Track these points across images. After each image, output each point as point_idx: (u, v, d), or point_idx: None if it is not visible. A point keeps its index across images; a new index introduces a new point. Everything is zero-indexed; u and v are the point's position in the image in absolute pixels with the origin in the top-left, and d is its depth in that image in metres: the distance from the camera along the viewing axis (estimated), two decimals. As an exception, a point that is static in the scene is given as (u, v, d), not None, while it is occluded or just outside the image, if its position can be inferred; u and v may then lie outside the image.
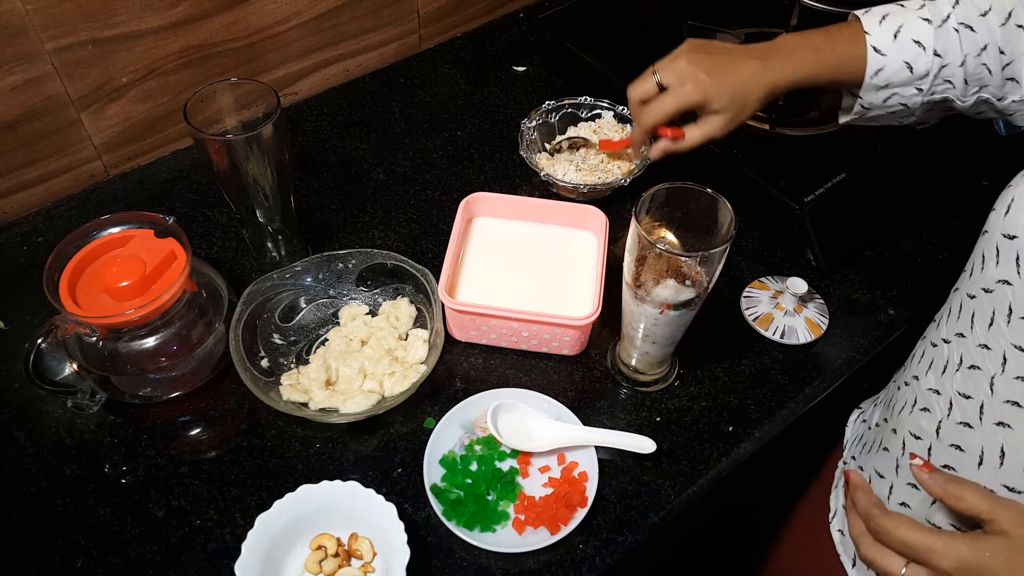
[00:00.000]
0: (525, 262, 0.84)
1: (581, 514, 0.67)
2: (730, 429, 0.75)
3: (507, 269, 0.83)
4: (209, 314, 0.75)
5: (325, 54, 1.06)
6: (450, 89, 1.09)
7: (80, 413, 0.73)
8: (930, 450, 0.62)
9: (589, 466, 0.70)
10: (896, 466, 0.66)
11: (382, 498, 0.64)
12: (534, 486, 0.70)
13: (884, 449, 0.68)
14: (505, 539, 0.66)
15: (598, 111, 0.98)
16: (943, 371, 0.62)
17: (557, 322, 0.74)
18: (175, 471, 0.71)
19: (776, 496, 0.91)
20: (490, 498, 0.68)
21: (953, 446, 0.60)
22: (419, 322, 0.80)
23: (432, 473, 0.69)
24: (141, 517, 0.68)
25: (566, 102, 0.97)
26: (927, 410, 0.63)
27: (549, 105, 0.96)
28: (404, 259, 0.79)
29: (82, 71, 0.86)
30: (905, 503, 0.64)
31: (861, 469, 0.73)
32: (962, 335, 0.60)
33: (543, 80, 1.10)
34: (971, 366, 0.59)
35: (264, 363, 0.75)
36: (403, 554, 0.61)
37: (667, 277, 0.63)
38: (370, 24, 1.07)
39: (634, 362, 0.76)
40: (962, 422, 0.59)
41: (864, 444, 0.75)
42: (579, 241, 0.86)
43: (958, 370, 0.60)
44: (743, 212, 0.82)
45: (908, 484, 0.64)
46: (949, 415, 0.60)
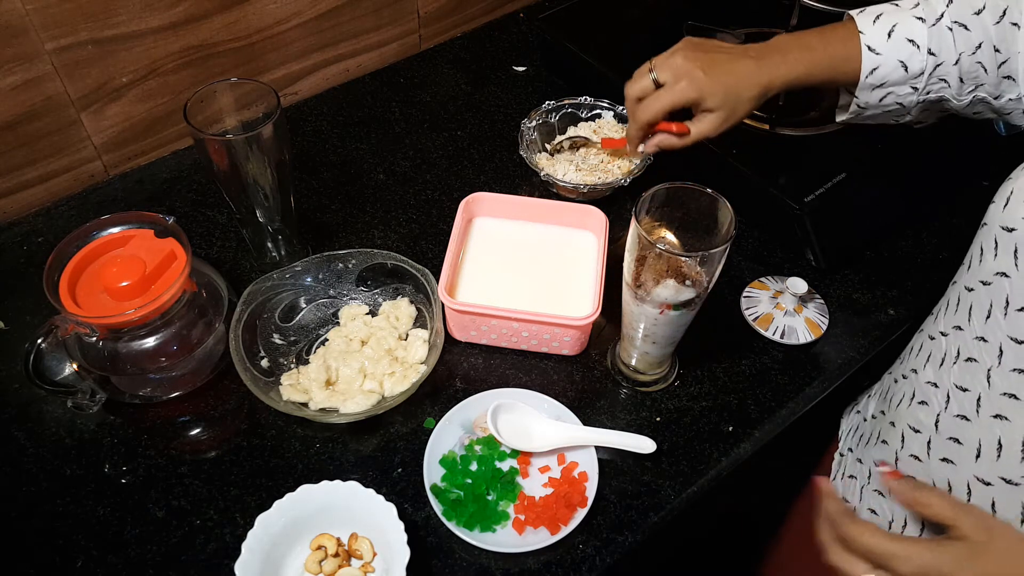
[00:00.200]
0: (525, 262, 0.84)
1: (581, 514, 0.67)
2: (730, 429, 0.75)
3: (507, 269, 0.83)
4: (209, 314, 0.75)
5: (325, 54, 1.06)
6: (450, 89, 1.09)
7: (80, 413, 0.73)
8: (929, 443, 0.62)
9: (589, 466, 0.70)
10: (896, 459, 0.66)
11: (382, 498, 0.64)
12: (534, 486, 0.70)
13: (883, 442, 0.69)
14: (505, 539, 0.66)
15: (598, 111, 0.98)
16: (940, 364, 0.62)
17: (557, 322, 0.74)
18: (175, 471, 0.71)
19: (775, 495, 0.91)
20: (490, 498, 0.68)
21: (951, 439, 0.60)
22: (419, 322, 0.80)
23: (432, 473, 0.69)
24: (141, 517, 0.68)
25: (566, 102, 0.97)
26: (925, 403, 0.63)
27: (549, 105, 0.96)
28: (404, 259, 0.79)
29: (82, 71, 0.86)
30: None
31: (860, 462, 0.73)
32: (959, 328, 0.60)
33: (543, 80, 1.10)
34: (968, 359, 0.59)
35: (264, 363, 0.75)
36: (403, 554, 0.61)
37: (667, 277, 0.63)
38: (370, 24, 1.07)
39: (634, 362, 0.76)
40: (960, 415, 0.59)
41: (861, 436, 0.75)
42: (579, 241, 0.86)
43: (955, 363, 0.60)
44: (743, 212, 0.82)
45: (906, 476, 0.65)
46: (947, 408, 0.61)
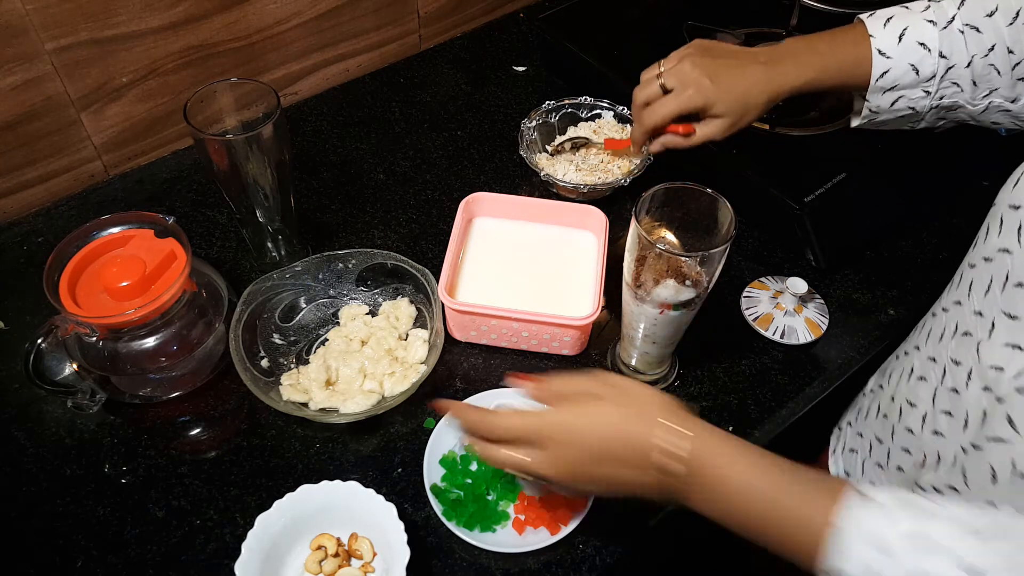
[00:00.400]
0: (525, 262, 0.84)
1: (581, 514, 0.67)
2: (730, 429, 0.75)
3: (507, 269, 0.83)
4: (209, 314, 0.75)
5: (325, 54, 1.06)
6: (450, 89, 1.09)
7: (80, 413, 0.73)
8: (924, 417, 0.64)
9: (589, 466, 0.70)
10: (892, 432, 0.68)
11: (382, 498, 0.64)
12: (534, 486, 0.70)
13: (883, 416, 0.70)
14: (505, 539, 0.66)
15: (598, 111, 0.98)
16: (940, 339, 0.63)
17: (557, 322, 0.74)
18: (175, 471, 0.71)
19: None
20: (490, 498, 0.68)
21: (944, 412, 0.61)
22: (419, 322, 0.80)
23: (432, 473, 0.69)
24: (141, 517, 0.68)
25: (566, 102, 0.97)
26: (924, 379, 0.65)
27: (549, 105, 0.96)
28: (404, 259, 0.79)
29: (82, 71, 0.86)
30: (900, 467, 0.67)
31: (860, 435, 0.75)
32: (959, 303, 0.62)
33: (543, 80, 1.10)
34: (964, 332, 0.60)
35: (264, 363, 0.75)
36: (403, 554, 0.61)
37: (667, 277, 0.63)
38: (370, 24, 1.07)
39: (634, 362, 0.76)
40: (952, 388, 0.60)
41: (859, 410, 0.77)
42: (579, 241, 0.86)
43: (953, 337, 0.61)
44: (743, 212, 0.82)
45: (902, 449, 0.67)
46: (942, 382, 0.62)
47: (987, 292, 0.57)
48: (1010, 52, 0.67)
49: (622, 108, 0.96)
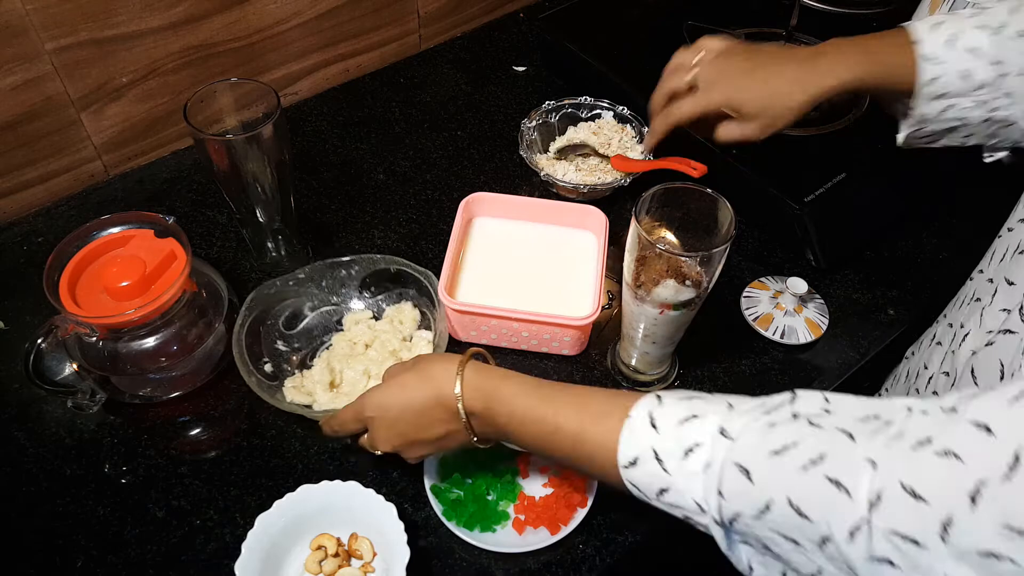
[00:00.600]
0: (525, 262, 0.84)
1: (581, 514, 0.67)
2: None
3: (507, 269, 0.83)
4: (209, 314, 0.75)
5: (325, 54, 1.06)
6: (450, 89, 1.09)
7: (80, 413, 0.73)
8: (930, 380, 0.66)
9: (589, 466, 0.70)
10: (907, 393, 0.71)
11: (382, 498, 0.64)
12: (534, 486, 0.70)
13: (907, 379, 0.73)
14: (505, 539, 0.66)
15: (598, 111, 0.98)
16: (960, 305, 0.65)
17: (557, 322, 0.74)
18: (175, 471, 0.71)
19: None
20: (490, 498, 0.68)
21: (944, 373, 0.62)
22: (423, 324, 0.80)
23: (432, 473, 0.69)
24: (141, 517, 0.68)
25: (566, 102, 0.97)
26: (940, 343, 0.66)
27: (549, 105, 0.96)
28: (406, 263, 0.79)
29: (82, 71, 0.86)
30: None
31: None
32: (981, 271, 0.63)
33: (543, 80, 1.10)
34: (976, 299, 0.61)
35: (268, 367, 0.75)
36: (403, 554, 0.61)
37: (667, 277, 0.63)
38: (370, 24, 1.07)
39: (634, 362, 0.76)
40: (952, 350, 0.62)
41: (895, 376, 0.79)
42: (579, 241, 0.86)
43: (968, 304, 0.63)
44: (743, 212, 0.82)
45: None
46: (950, 346, 0.64)
47: (1001, 260, 0.59)
48: None
49: (622, 108, 0.96)
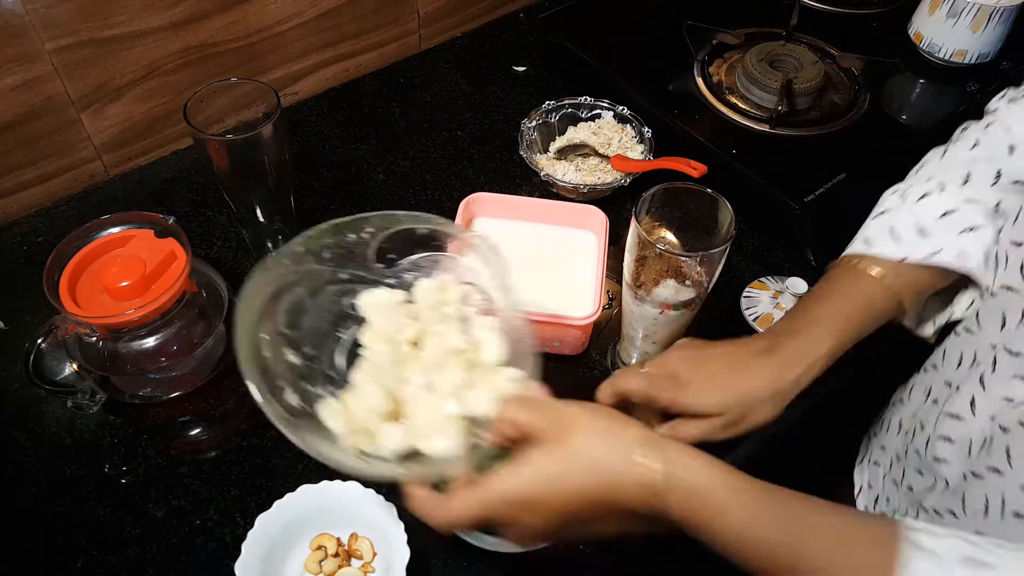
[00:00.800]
0: (525, 262, 0.84)
1: (581, 514, 0.67)
2: (730, 429, 0.75)
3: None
4: (209, 314, 0.75)
5: (325, 54, 1.06)
6: (450, 89, 1.09)
7: (80, 413, 0.73)
8: (928, 441, 0.64)
9: (589, 466, 0.70)
10: (906, 450, 0.68)
11: (382, 498, 0.64)
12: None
13: (904, 432, 0.71)
14: (505, 539, 0.66)
15: (598, 111, 0.98)
16: (958, 365, 0.64)
17: (557, 322, 0.74)
18: (175, 471, 0.71)
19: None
20: (490, 498, 0.68)
21: (944, 438, 0.61)
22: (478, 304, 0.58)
23: (432, 473, 0.69)
24: (141, 517, 0.68)
25: (566, 102, 0.97)
26: (936, 401, 0.64)
27: (549, 105, 0.96)
28: (442, 220, 0.57)
29: (82, 71, 0.86)
30: (911, 487, 0.67)
31: (883, 448, 0.75)
32: (970, 331, 0.62)
33: (543, 80, 1.10)
34: (974, 362, 0.60)
35: (293, 399, 0.53)
36: (403, 554, 0.61)
37: (667, 277, 0.63)
38: (370, 24, 1.07)
39: (634, 362, 0.76)
40: (956, 414, 0.61)
41: (883, 422, 0.77)
42: (579, 241, 0.86)
43: (966, 365, 0.61)
44: (743, 212, 0.82)
45: (916, 470, 0.67)
46: (945, 406, 0.62)
47: (1003, 327, 0.57)
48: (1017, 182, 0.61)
49: (622, 108, 0.96)
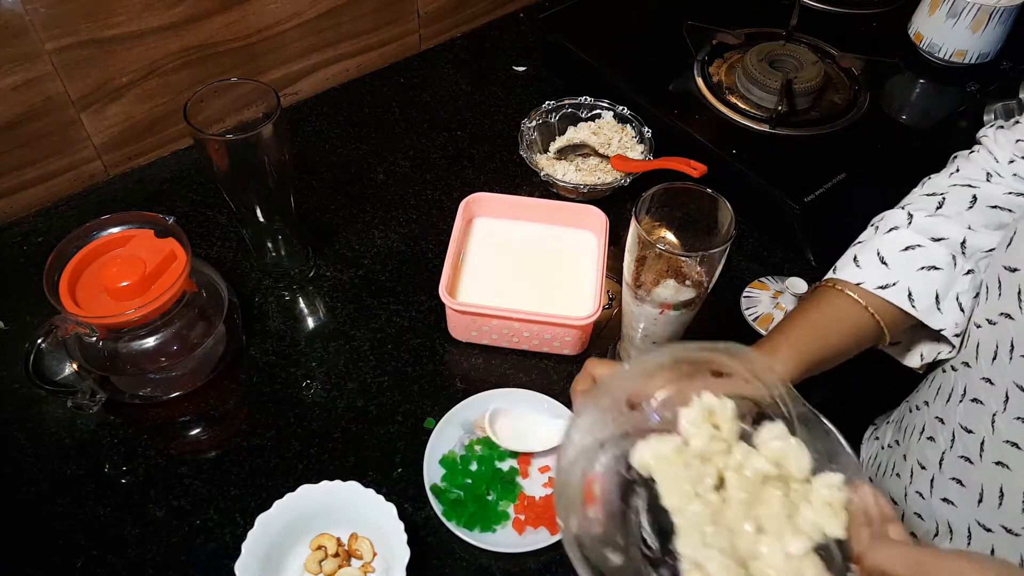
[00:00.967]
0: (525, 262, 0.84)
1: (581, 514, 0.67)
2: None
3: (507, 269, 0.83)
4: (209, 314, 0.75)
5: (325, 54, 1.06)
6: (450, 89, 1.09)
7: (80, 413, 0.73)
8: (932, 481, 0.62)
9: (589, 466, 0.70)
10: (904, 494, 0.66)
11: (382, 498, 0.64)
12: (534, 486, 0.70)
13: (896, 475, 0.68)
14: (505, 539, 0.66)
15: (598, 111, 0.98)
16: (947, 400, 0.61)
17: (558, 322, 0.74)
18: (175, 471, 0.71)
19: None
20: (490, 498, 0.68)
21: (954, 479, 0.59)
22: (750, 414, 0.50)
23: (432, 473, 0.69)
24: (141, 517, 0.68)
25: (566, 102, 0.97)
26: (932, 439, 0.62)
27: (549, 105, 0.96)
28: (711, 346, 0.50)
29: (82, 71, 0.86)
30: (913, 533, 0.64)
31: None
32: (967, 364, 0.59)
33: (543, 80, 1.10)
34: (974, 399, 0.58)
35: (614, 557, 0.47)
36: (403, 554, 0.61)
37: (667, 277, 0.63)
38: (370, 24, 1.07)
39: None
40: (963, 456, 0.58)
41: (879, 465, 0.74)
42: (579, 241, 0.86)
43: (961, 401, 0.59)
44: (743, 212, 0.82)
45: (915, 514, 0.64)
46: (952, 447, 0.59)
47: (994, 359, 0.55)
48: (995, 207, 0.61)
49: (622, 108, 0.96)
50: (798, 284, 0.80)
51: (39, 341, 0.67)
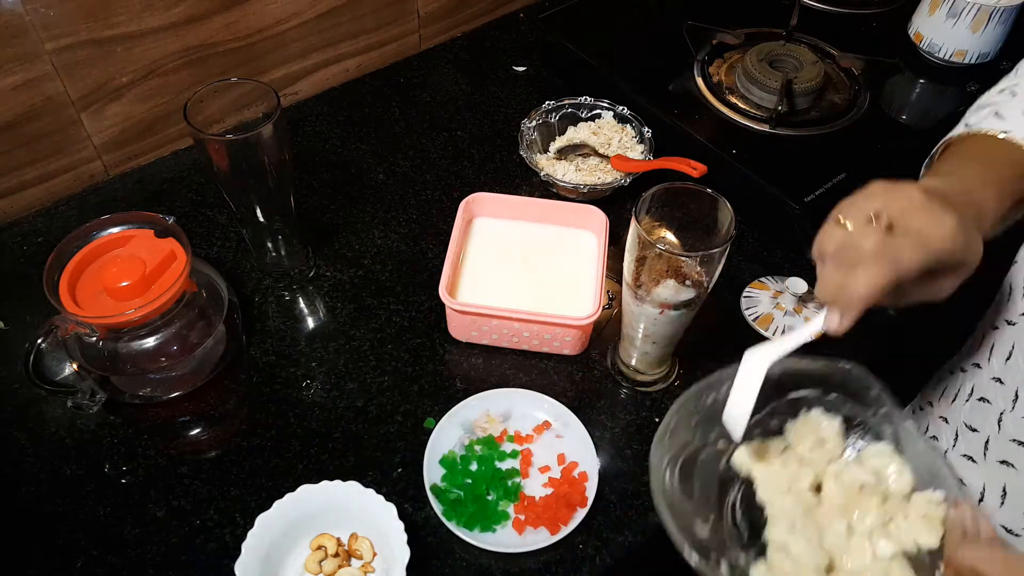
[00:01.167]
0: (525, 262, 0.84)
1: (581, 514, 0.67)
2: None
3: (507, 269, 0.83)
4: (209, 314, 0.75)
5: (325, 54, 1.06)
6: (450, 89, 1.09)
7: (80, 413, 0.73)
8: (988, 443, 0.62)
9: (589, 466, 0.70)
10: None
11: (382, 498, 0.64)
12: (534, 486, 0.70)
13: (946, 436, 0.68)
14: (505, 539, 0.66)
15: (598, 111, 0.98)
16: (953, 400, 0.61)
17: (558, 322, 0.74)
18: (175, 471, 0.71)
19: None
20: (490, 498, 0.68)
21: (1018, 442, 0.59)
22: (855, 432, 0.55)
23: (432, 473, 0.69)
24: (141, 517, 0.68)
25: (566, 102, 0.97)
26: (936, 438, 0.62)
27: (549, 105, 0.96)
28: (819, 361, 0.55)
29: (82, 71, 0.86)
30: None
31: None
32: (978, 366, 0.59)
33: (543, 80, 1.10)
34: (981, 398, 0.58)
35: (724, 569, 0.52)
36: (403, 554, 0.61)
37: (667, 277, 0.63)
38: (370, 24, 1.07)
39: (634, 362, 0.76)
40: (966, 455, 0.58)
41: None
42: (579, 241, 0.86)
43: (967, 401, 0.59)
44: (743, 212, 0.82)
45: None
46: (955, 446, 0.60)
47: (1008, 358, 0.55)
48: None
49: (622, 108, 0.96)
50: (798, 284, 0.80)
51: (39, 341, 0.67)
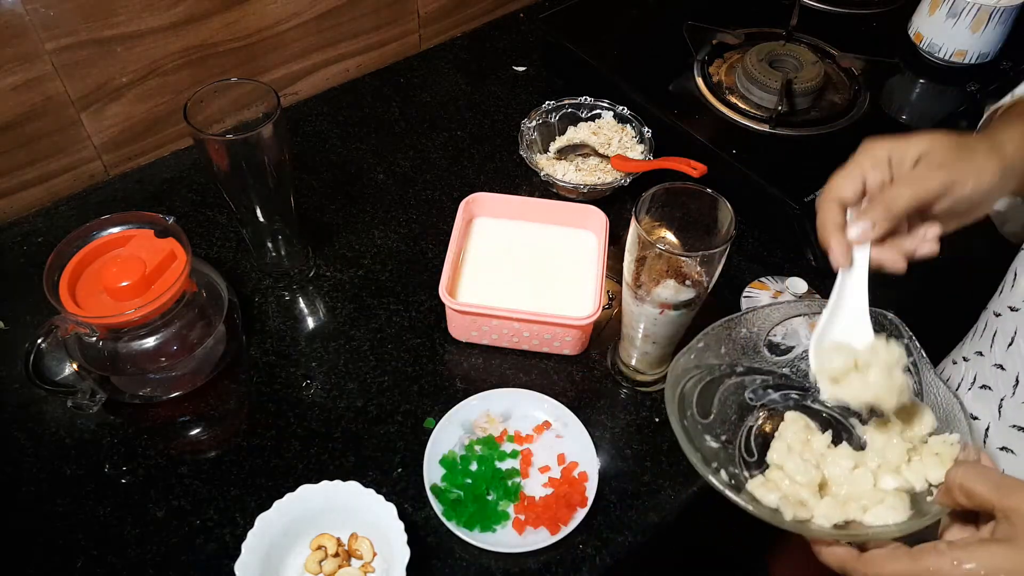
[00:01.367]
0: (525, 262, 0.84)
1: (581, 514, 0.67)
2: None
3: (507, 269, 0.83)
4: (209, 314, 0.75)
5: (325, 54, 1.06)
6: (450, 89, 1.09)
7: (80, 413, 0.73)
8: (988, 430, 0.62)
9: (589, 466, 0.70)
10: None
11: (382, 498, 0.64)
12: (534, 486, 0.70)
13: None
14: (505, 539, 0.66)
15: (598, 111, 0.98)
16: (956, 389, 0.61)
17: (558, 322, 0.74)
18: (175, 471, 0.71)
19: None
20: (490, 498, 0.68)
21: (1017, 428, 0.59)
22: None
23: (432, 473, 0.69)
24: (141, 517, 0.68)
25: (566, 102, 0.97)
26: (989, 388, 0.63)
27: (549, 105, 0.96)
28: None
29: (82, 71, 0.86)
30: None
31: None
32: (980, 353, 0.59)
33: (543, 80, 1.10)
34: (983, 386, 0.58)
35: (724, 477, 0.58)
36: (403, 554, 0.61)
37: (667, 277, 0.63)
38: (370, 24, 1.07)
39: (634, 362, 0.76)
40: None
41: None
42: (579, 241, 0.86)
43: (970, 389, 0.59)
44: (743, 212, 0.82)
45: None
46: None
47: (1010, 344, 0.56)
48: None
49: (622, 108, 0.96)
50: (798, 284, 0.80)
51: (39, 341, 0.67)
